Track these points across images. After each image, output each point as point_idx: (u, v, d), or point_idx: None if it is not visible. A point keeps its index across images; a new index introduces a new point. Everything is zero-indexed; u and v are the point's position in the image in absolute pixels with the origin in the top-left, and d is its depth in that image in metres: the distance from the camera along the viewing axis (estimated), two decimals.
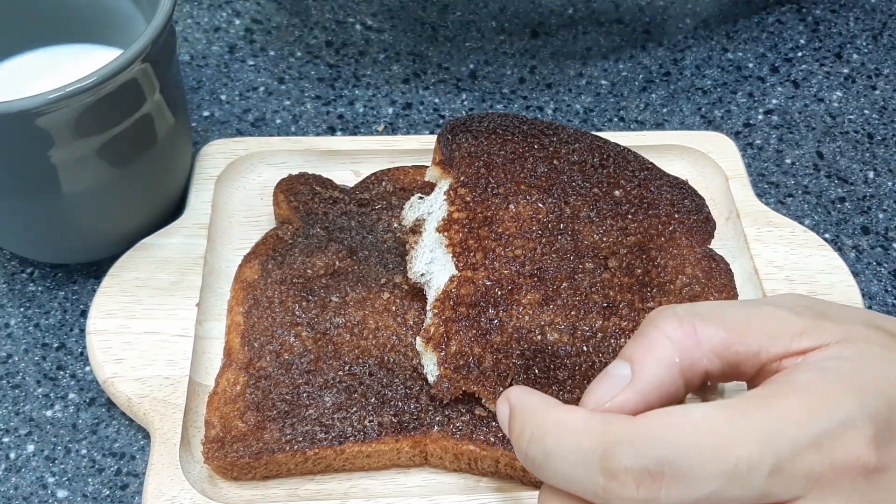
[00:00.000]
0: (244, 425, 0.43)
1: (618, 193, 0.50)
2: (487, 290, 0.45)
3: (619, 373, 0.35)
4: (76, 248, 0.52)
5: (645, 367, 0.34)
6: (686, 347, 0.34)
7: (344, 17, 0.69)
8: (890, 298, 0.54)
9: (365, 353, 0.46)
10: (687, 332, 0.35)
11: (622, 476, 0.31)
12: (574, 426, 0.33)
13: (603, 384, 0.35)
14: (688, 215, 0.50)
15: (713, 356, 0.34)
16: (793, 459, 0.31)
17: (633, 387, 0.34)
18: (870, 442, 0.31)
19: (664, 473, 0.31)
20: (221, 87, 0.64)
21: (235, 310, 0.48)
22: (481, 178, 0.49)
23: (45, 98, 0.41)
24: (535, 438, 0.34)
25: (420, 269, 0.46)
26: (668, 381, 0.34)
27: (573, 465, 0.33)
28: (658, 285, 0.46)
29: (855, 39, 0.69)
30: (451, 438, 0.43)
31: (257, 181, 0.56)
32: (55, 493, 0.45)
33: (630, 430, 0.32)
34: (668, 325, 0.35)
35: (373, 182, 0.54)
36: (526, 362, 0.42)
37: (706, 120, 0.63)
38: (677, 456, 0.31)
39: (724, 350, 0.34)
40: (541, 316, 0.44)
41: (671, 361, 0.34)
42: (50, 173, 0.45)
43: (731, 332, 0.35)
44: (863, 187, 0.59)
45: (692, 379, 0.35)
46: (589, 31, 0.69)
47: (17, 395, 0.48)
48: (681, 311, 0.35)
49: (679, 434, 0.31)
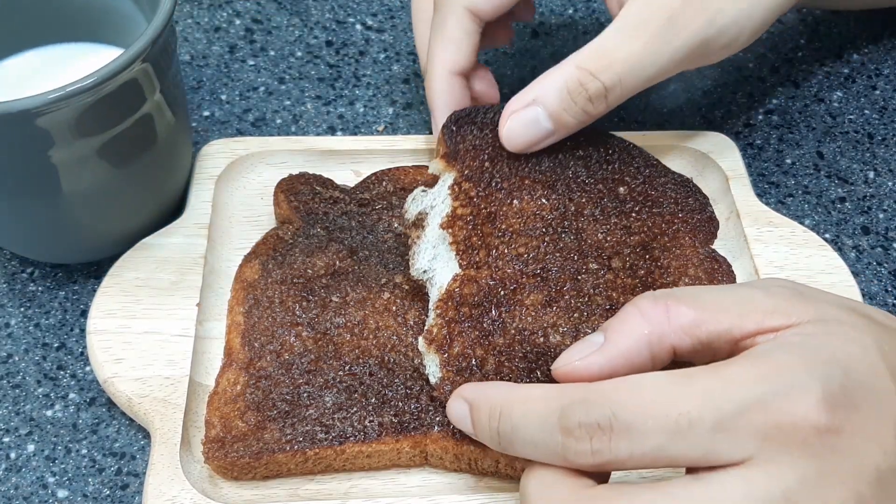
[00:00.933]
0: (244, 425, 0.43)
1: (622, 190, 0.50)
2: (490, 289, 0.44)
3: (593, 339, 0.38)
4: (76, 248, 0.52)
5: (615, 336, 0.37)
6: (656, 322, 0.36)
7: (344, 17, 0.69)
8: (890, 298, 0.54)
9: (365, 353, 0.46)
10: (660, 308, 0.37)
11: (577, 431, 0.34)
12: (536, 395, 0.36)
13: (576, 347, 0.38)
14: (691, 214, 0.49)
15: (682, 333, 0.36)
16: (736, 417, 0.32)
17: (602, 351, 0.37)
18: (819, 402, 0.32)
19: (612, 427, 0.33)
20: (221, 87, 0.64)
21: (236, 310, 0.48)
22: (485, 173, 0.48)
23: (45, 98, 0.41)
24: (504, 414, 0.37)
25: (423, 266, 0.46)
26: (635, 350, 0.36)
27: (536, 431, 0.35)
28: (661, 286, 0.46)
29: (855, 39, 0.69)
30: (452, 438, 0.43)
31: (257, 181, 0.56)
32: (55, 492, 0.45)
33: (584, 391, 0.35)
34: (644, 303, 0.37)
35: (373, 182, 0.54)
36: (529, 365, 0.42)
37: (706, 120, 0.63)
38: (623, 411, 0.33)
39: (694, 328, 0.36)
40: (544, 318, 0.44)
41: (640, 333, 0.36)
42: (50, 173, 0.45)
43: (702, 310, 0.36)
44: (863, 187, 0.59)
45: (660, 353, 0.37)
46: (589, 31, 0.69)
47: (18, 395, 0.48)
48: (659, 292, 0.38)
49: (626, 393, 0.34)
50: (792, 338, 0.35)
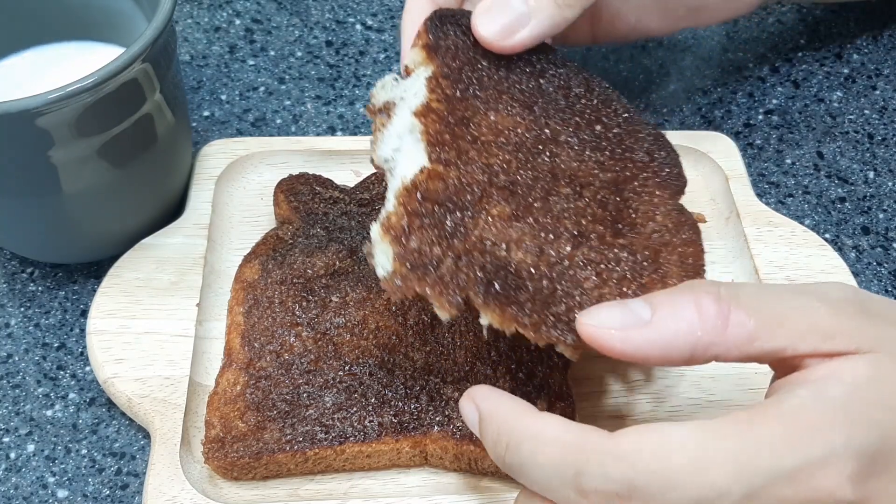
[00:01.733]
0: (244, 425, 0.43)
1: (598, 128, 0.47)
2: (457, 191, 0.41)
3: (638, 311, 0.34)
4: (76, 248, 0.52)
5: (664, 322, 0.34)
6: (711, 329, 0.33)
7: (344, 17, 0.69)
8: (890, 298, 0.54)
9: (365, 353, 0.46)
10: (721, 313, 0.34)
11: (592, 496, 0.32)
12: (549, 437, 0.33)
13: (618, 309, 0.35)
14: (662, 167, 0.48)
15: (733, 346, 0.34)
16: (764, 490, 0.31)
17: (643, 332, 0.34)
18: (849, 479, 0.31)
19: (632, 498, 0.31)
20: (221, 87, 0.64)
21: (235, 310, 0.48)
22: (464, 76, 0.45)
23: (45, 98, 0.41)
24: (512, 448, 0.34)
25: (385, 155, 0.43)
26: (679, 346, 0.34)
27: (549, 478, 0.33)
28: (629, 225, 0.44)
29: (855, 39, 0.69)
30: (451, 438, 0.43)
31: (257, 181, 0.56)
32: (55, 492, 0.45)
33: (603, 449, 0.32)
34: (705, 299, 0.34)
35: (373, 182, 0.54)
36: (487, 276, 0.39)
37: (706, 120, 0.63)
38: (645, 481, 0.31)
39: (748, 344, 0.34)
40: (508, 231, 0.41)
41: (691, 333, 0.33)
42: (50, 173, 0.45)
43: (761, 324, 0.34)
44: (863, 187, 0.59)
45: (700, 358, 0.34)
46: None
47: (18, 395, 0.48)
48: (724, 291, 0.34)
49: (650, 458, 0.31)
50: (831, 385, 0.32)
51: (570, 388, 0.45)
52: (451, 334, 0.46)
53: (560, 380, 0.45)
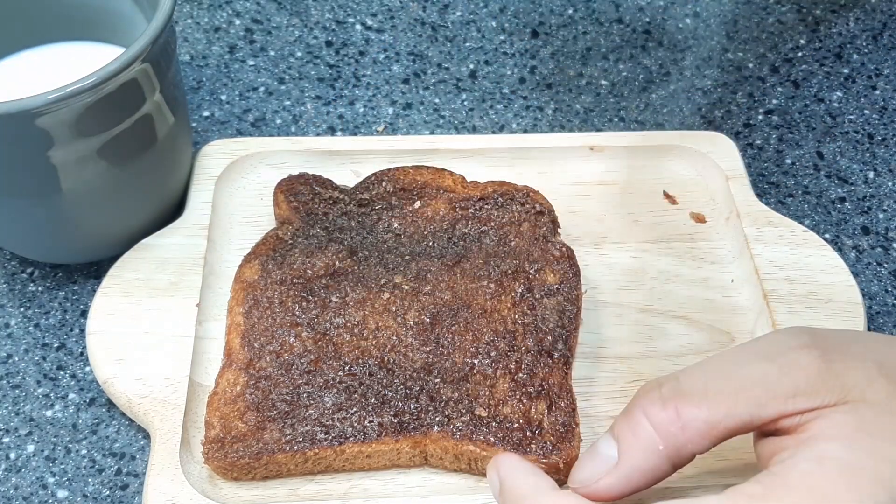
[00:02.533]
0: (244, 426, 0.43)
1: None
2: None
3: (607, 452, 0.36)
4: (76, 248, 0.52)
5: (630, 452, 0.35)
6: (669, 434, 0.34)
7: (344, 17, 0.69)
8: (890, 298, 0.54)
9: (365, 353, 0.46)
10: (670, 416, 0.34)
11: None
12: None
13: (591, 462, 0.36)
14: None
15: (699, 439, 0.34)
16: None
17: (617, 471, 0.35)
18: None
19: None
20: (221, 87, 0.64)
21: (235, 310, 0.48)
22: None
23: (45, 98, 0.41)
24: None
25: None
26: (653, 465, 0.35)
27: None
28: None
29: (855, 39, 0.69)
30: (451, 439, 0.43)
31: (257, 181, 0.56)
32: (55, 493, 0.45)
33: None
34: (652, 409, 0.35)
35: (373, 182, 0.54)
36: None
37: (706, 120, 0.63)
38: None
39: (711, 430, 0.34)
40: None
41: (654, 448, 0.34)
42: (50, 173, 0.45)
43: (715, 409, 0.34)
44: (863, 187, 0.59)
45: (682, 461, 0.35)
46: (589, 31, 0.69)
47: (17, 395, 0.48)
48: (666, 391, 0.35)
49: None
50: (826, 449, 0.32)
51: (571, 388, 0.45)
52: (451, 334, 0.46)
53: (560, 380, 0.45)
